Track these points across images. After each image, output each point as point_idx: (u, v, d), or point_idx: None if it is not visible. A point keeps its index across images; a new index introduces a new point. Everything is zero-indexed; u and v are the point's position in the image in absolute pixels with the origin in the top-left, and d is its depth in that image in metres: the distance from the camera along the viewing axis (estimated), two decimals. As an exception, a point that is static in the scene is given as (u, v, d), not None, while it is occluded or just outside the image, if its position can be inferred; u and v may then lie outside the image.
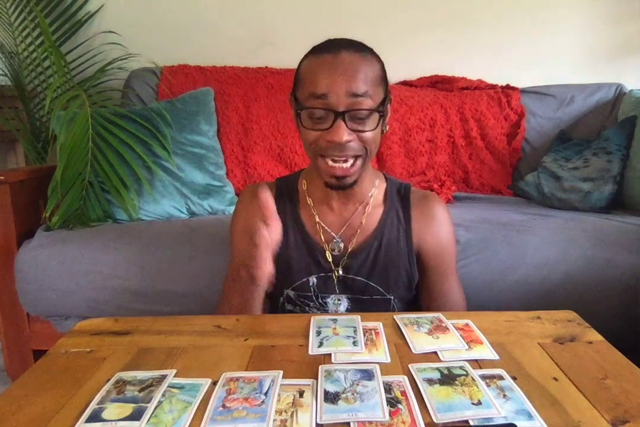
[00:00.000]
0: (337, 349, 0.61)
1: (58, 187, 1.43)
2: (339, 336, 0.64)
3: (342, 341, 0.62)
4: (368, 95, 0.75)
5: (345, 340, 0.63)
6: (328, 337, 0.64)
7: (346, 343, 0.62)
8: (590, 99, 2.01)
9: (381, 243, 0.86)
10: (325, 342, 0.63)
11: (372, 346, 0.61)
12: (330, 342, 0.62)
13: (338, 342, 0.62)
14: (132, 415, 0.48)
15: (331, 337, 0.64)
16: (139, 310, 1.33)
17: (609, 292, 1.26)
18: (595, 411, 0.48)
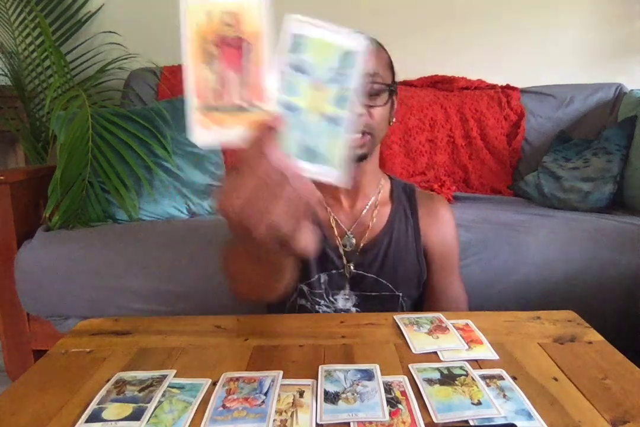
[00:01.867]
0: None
1: (58, 187, 1.43)
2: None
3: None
4: (379, 75, 0.77)
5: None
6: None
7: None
8: (590, 99, 2.01)
9: (391, 239, 0.87)
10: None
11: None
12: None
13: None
14: (132, 415, 0.48)
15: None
16: (139, 310, 1.33)
17: (609, 292, 1.26)
18: (595, 411, 0.48)
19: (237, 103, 0.35)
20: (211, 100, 0.35)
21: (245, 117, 0.35)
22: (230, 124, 0.35)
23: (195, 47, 0.35)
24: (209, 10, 0.35)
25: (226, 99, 0.35)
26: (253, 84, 0.35)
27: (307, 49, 0.36)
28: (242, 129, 0.35)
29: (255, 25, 0.35)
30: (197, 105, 0.35)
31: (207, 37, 0.35)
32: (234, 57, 0.35)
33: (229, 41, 0.35)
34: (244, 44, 0.35)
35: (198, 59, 0.35)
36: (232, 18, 0.35)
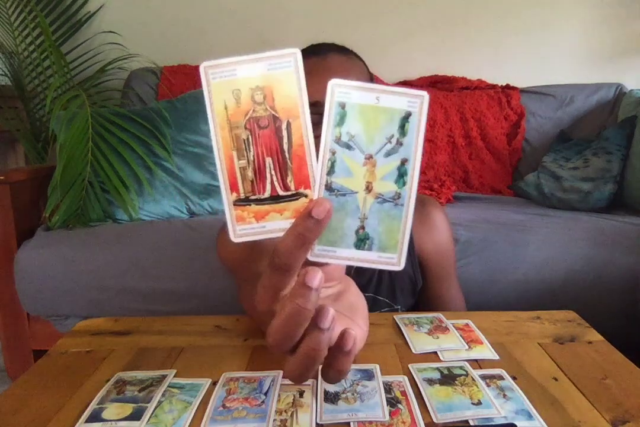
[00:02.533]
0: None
1: (58, 187, 1.43)
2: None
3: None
4: None
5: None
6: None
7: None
8: (590, 99, 2.01)
9: None
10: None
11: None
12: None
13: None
14: (132, 415, 0.48)
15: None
16: (139, 310, 1.33)
17: (609, 292, 1.26)
18: (595, 411, 0.48)
19: (277, 192, 0.31)
20: (248, 193, 0.31)
21: (287, 206, 0.31)
22: (271, 216, 0.31)
23: (226, 135, 0.31)
24: (235, 88, 0.30)
25: (264, 189, 0.31)
26: (294, 169, 0.31)
27: (355, 119, 0.31)
28: (285, 220, 0.31)
29: (289, 100, 0.30)
30: (233, 200, 0.31)
31: (237, 121, 0.31)
32: (268, 141, 0.31)
33: (262, 122, 0.31)
34: (278, 124, 0.31)
35: (229, 147, 0.31)
36: (262, 94, 0.30)
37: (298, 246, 0.29)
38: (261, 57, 0.30)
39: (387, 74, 2.08)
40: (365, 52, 0.85)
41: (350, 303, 0.36)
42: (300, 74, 0.30)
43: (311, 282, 0.28)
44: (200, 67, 0.30)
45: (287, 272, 0.30)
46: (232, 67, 0.30)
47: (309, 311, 0.29)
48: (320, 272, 0.29)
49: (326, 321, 0.29)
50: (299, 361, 0.31)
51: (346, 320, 0.34)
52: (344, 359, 0.31)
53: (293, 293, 0.29)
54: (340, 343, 0.31)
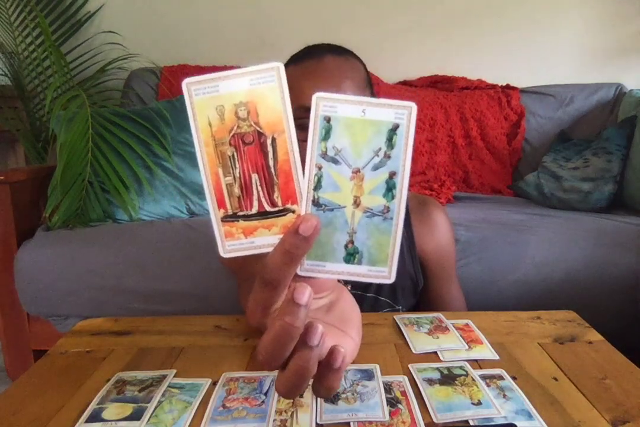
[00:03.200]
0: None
1: (58, 187, 1.43)
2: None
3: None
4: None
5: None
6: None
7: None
8: (590, 99, 2.01)
9: None
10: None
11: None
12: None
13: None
14: (132, 415, 0.48)
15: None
16: (139, 310, 1.33)
17: (609, 292, 1.26)
18: (595, 411, 0.48)
19: (264, 208, 0.31)
20: (235, 209, 0.31)
21: (275, 222, 0.31)
22: (259, 232, 0.31)
23: (211, 151, 0.31)
24: (218, 104, 0.30)
25: (251, 206, 0.31)
26: (280, 185, 0.31)
27: (342, 132, 0.30)
28: (274, 236, 0.31)
29: (273, 115, 0.30)
30: (221, 216, 0.31)
31: (222, 137, 0.30)
32: (254, 157, 0.31)
33: (246, 138, 0.31)
34: (263, 139, 0.30)
35: (214, 164, 0.31)
36: (246, 109, 0.30)
37: (286, 262, 0.29)
38: (244, 72, 0.30)
39: (387, 74, 2.08)
40: (365, 52, 0.85)
41: (342, 313, 0.36)
42: (284, 88, 0.30)
43: (300, 299, 0.28)
44: (183, 84, 0.30)
45: (276, 287, 0.30)
46: (215, 83, 0.30)
47: (297, 328, 0.28)
48: (309, 288, 0.28)
49: (315, 338, 0.29)
50: (289, 377, 0.30)
51: (337, 333, 0.34)
52: (333, 376, 0.31)
53: (282, 310, 0.29)
54: (330, 360, 0.31)
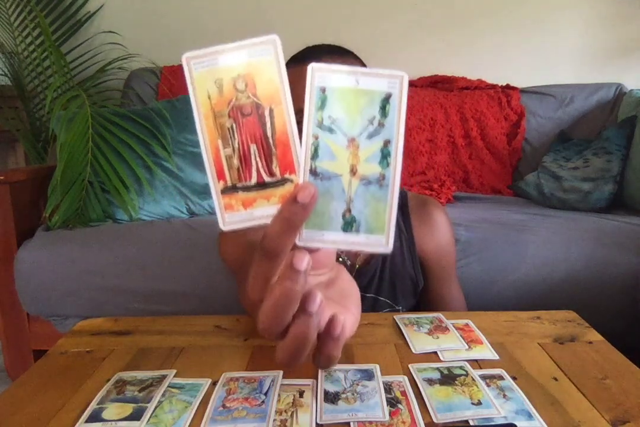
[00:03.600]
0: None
1: (58, 187, 1.43)
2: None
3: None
4: None
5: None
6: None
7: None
8: (590, 99, 2.01)
9: (386, 257, 0.85)
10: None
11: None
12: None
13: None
14: (132, 415, 0.48)
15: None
16: (139, 310, 1.33)
17: (609, 292, 1.26)
18: (595, 411, 0.48)
19: (263, 179, 0.31)
20: (235, 180, 0.31)
21: (273, 193, 0.31)
22: (259, 203, 0.31)
23: (210, 124, 0.31)
24: (217, 77, 0.30)
25: (250, 176, 0.31)
26: (278, 155, 0.31)
27: (336, 102, 0.31)
28: (272, 206, 0.31)
29: (270, 87, 0.30)
30: (220, 188, 0.31)
31: (221, 110, 0.31)
32: (252, 128, 0.31)
33: (245, 110, 0.31)
34: (261, 111, 0.31)
35: (214, 136, 0.31)
36: (244, 82, 0.30)
37: (285, 230, 0.29)
38: (242, 45, 0.30)
39: (387, 73, 2.08)
40: (365, 52, 0.85)
41: (341, 289, 0.36)
42: (280, 61, 0.30)
43: (298, 264, 0.28)
44: (182, 58, 0.30)
45: (276, 257, 0.30)
46: (214, 57, 0.31)
47: (297, 292, 0.29)
48: (308, 254, 0.29)
49: (314, 304, 0.30)
50: (289, 345, 0.31)
51: (337, 306, 0.35)
52: (332, 345, 0.31)
53: (281, 276, 0.29)
54: (329, 328, 0.31)
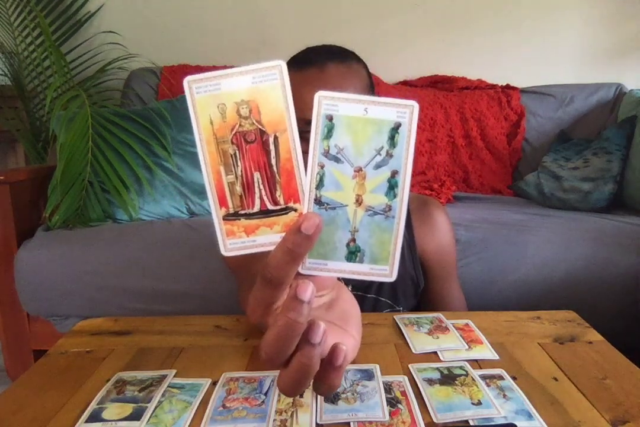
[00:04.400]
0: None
1: (58, 187, 1.43)
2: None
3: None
4: None
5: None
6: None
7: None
8: (590, 99, 2.01)
9: None
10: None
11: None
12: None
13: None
14: (132, 415, 0.48)
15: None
16: (139, 310, 1.33)
17: (609, 292, 1.26)
18: (595, 411, 0.48)
19: (266, 207, 0.31)
20: (237, 207, 0.31)
21: (276, 221, 0.31)
22: (261, 230, 0.31)
23: (212, 150, 0.30)
24: (220, 102, 0.30)
25: (253, 204, 0.31)
26: (282, 183, 0.31)
27: (344, 131, 0.30)
28: (275, 234, 0.31)
29: (275, 113, 0.30)
30: (222, 215, 0.31)
31: (224, 136, 0.30)
32: (256, 155, 0.31)
33: (248, 136, 0.30)
34: (265, 138, 0.30)
35: (216, 162, 0.31)
36: (248, 108, 0.30)
37: (288, 260, 0.29)
38: (245, 70, 0.30)
39: (387, 74, 2.08)
40: (365, 52, 0.85)
41: (342, 311, 0.36)
42: (286, 86, 0.30)
43: (302, 295, 0.28)
44: (184, 81, 0.29)
45: (278, 286, 0.30)
46: (217, 81, 0.30)
47: (300, 324, 0.29)
48: (312, 285, 0.28)
49: (317, 336, 0.29)
50: (292, 375, 0.31)
51: (338, 331, 0.34)
52: (334, 374, 0.31)
53: (285, 307, 0.29)
54: (331, 358, 0.31)
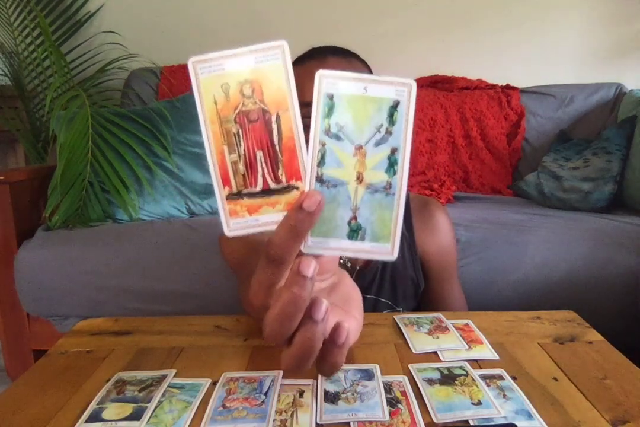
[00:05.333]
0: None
1: (58, 187, 1.43)
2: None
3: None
4: None
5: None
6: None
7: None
8: (590, 99, 2.01)
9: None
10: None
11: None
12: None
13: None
14: (132, 415, 0.48)
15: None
16: (139, 310, 1.33)
17: (609, 292, 1.26)
18: (595, 411, 0.48)
19: (269, 185, 0.31)
20: (240, 187, 0.31)
21: (279, 199, 0.31)
22: (264, 209, 0.31)
23: (216, 129, 0.31)
24: (224, 82, 0.30)
25: (256, 183, 0.31)
26: (284, 162, 0.31)
27: (344, 109, 0.31)
28: (278, 213, 0.31)
29: (278, 93, 0.30)
30: (225, 194, 0.31)
31: (227, 115, 0.31)
32: (259, 134, 0.31)
33: (251, 116, 0.31)
34: (268, 117, 0.30)
35: (220, 142, 0.31)
36: (251, 87, 0.30)
37: (291, 238, 0.29)
38: (249, 51, 0.30)
39: (387, 74, 2.07)
40: (366, 52, 0.85)
41: (344, 295, 0.37)
42: (288, 67, 0.30)
43: (305, 270, 0.28)
44: (189, 62, 0.30)
45: (281, 264, 0.30)
46: (220, 62, 0.30)
47: (304, 299, 0.29)
48: (314, 261, 0.29)
49: (320, 312, 0.30)
50: (295, 352, 0.31)
51: (341, 312, 0.35)
52: (337, 352, 0.31)
53: (288, 282, 0.29)
54: (334, 336, 0.31)
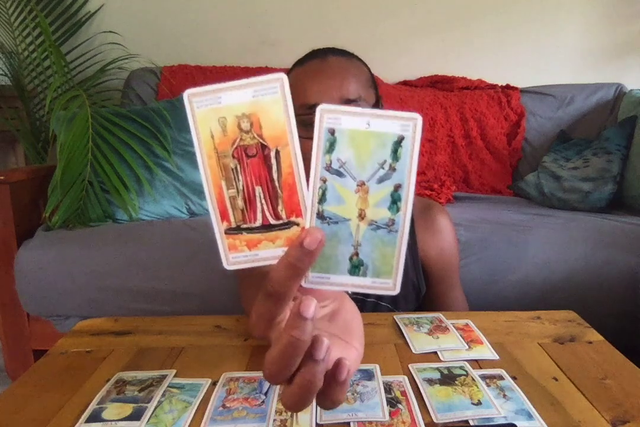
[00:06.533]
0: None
1: (58, 187, 1.43)
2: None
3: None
4: (362, 99, 0.72)
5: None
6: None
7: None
8: (590, 99, 2.01)
9: None
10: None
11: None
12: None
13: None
14: (132, 415, 0.48)
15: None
16: (139, 310, 1.33)
17: (609, 292, 1.26)
18: (595, 411, 0.48)
19: (268, 221, 0.31)
20: (239, 221, 0.31)
21: (279, 235, 0.31)
22: (264, 244, 0.31)
23: (213, 164, 0.30)
24: (221, 116, 0.30)
25: (255, 218, 0.31)
26: (284, 198, 0.31)
27: (346, 145, 0.30)
28: (278, 248, 0.31)
29: (277, 127, 0.30)
30: (224, 229, 0.31)
31: (225, 150, 0.30)
32: (257, 169, 0.30)
33: (249, 150, 0.30)
34: (267, 152, 0.30)
35: (217, 177, 0.30)
36: (249, 121, 0.30)
37: (290, 275, 0.29)
38: (246, 83, 0.29)
39: (387, 74, 2.08)
40: (366, 52, 0.85)
41: (345, 323, 0.36)
42: (287, 100, 0.29)
43: (306, 312, 0.28)
44: (184, 95, 0.29)
45: (280, 300, 0.30)
46: (217, 95, 0.30)
47: (304, 342, 0.29)
48: (315, 301, 0.28)
49: (321, 352, 0.29)
50: (296, 391, 0.31)
51: (341, 343, 0.34)
52: (338, 389, 0.31)
53: (288, 324, 0.29)
54: (335, 373, 0.31)
